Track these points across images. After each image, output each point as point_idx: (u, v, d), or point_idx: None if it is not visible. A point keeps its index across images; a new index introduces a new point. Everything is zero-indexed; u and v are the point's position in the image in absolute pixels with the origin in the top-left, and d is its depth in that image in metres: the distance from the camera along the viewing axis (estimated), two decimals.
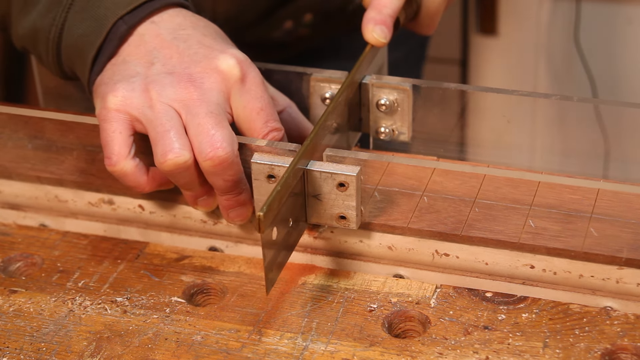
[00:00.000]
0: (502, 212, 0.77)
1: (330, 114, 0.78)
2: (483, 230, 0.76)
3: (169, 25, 0.79)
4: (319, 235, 0.79)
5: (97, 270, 0.80)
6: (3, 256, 0.82)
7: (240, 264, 0.80)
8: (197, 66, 0.76)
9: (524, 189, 0.79)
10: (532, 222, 0.76)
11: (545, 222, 0.76)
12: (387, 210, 0.78)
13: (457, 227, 0.76)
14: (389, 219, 0.77)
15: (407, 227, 0.77)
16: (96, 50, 0.78)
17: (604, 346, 0.70)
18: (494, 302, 0.75)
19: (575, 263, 0.74)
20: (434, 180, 0.81)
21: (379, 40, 0.83)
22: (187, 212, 0.83)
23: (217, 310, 0.75)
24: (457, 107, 0.87)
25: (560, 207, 0.77)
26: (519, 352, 0.70)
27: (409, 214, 0.78)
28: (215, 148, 0.73)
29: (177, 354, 0.71)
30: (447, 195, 0.79)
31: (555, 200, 0.78)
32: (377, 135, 0.86)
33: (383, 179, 0.81)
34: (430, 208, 0.78)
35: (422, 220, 0.77)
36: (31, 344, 0.73)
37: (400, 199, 0.79)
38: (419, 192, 0.80)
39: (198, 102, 0.74)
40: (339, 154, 0.76)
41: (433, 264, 0.78)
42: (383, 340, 0.71)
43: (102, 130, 0.76)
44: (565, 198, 0.78)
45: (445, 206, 0.78)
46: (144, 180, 0.77)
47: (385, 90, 0.84)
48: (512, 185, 0.80)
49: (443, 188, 0.80)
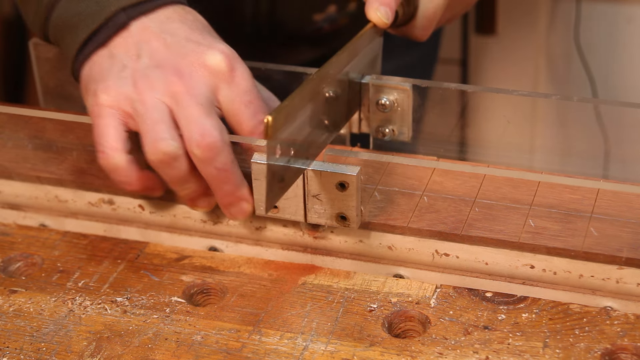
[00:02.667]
0: (502, 212, 0.77)
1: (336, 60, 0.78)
2: (483, 229, 0.76)
3: (156, 18, 0.79)
4: (319, 235, 0.79)
5: (97, 270, 0.80)
6: (3, 256, 0.82)
7: (240, 264, 0.80)
8: (185, 60, 0.76)
9: (524, 188, 0.79)
10: (532, 221, 0.76)
11: (545, 221, 0.76)
12: (387, 210, 0.78)
13: (457, 227, 0.76)
14: (388, 219, 0.77)
15: (407, 226, 0.77)
16: (89, 33, 0.78)
17: (604, 346, 0.70)
18: (494, 302, 0.75)
19: (575, 263, 0.74)
20: (434, 180, 0.81)
21: (382, 20, 0.83)
22: (187, 212, 0.83)
23: (217, 310, 0.75)
24: (457, 107, 0.87)
25: (561, 206, 0.77)
26: (519, 352, 0.70)
27: (409, 213, 0.78)
28: (204, 135, 0.73)
29: (177, 354, 0.71)
30: (447, 195, 0.79)
31: (555, 200, 0.78)
32: (377, 135, 0.86)
33: (383, 178, 0.81)
34: (430, 208, 0.78)
35: (423, 219, 0.77)
36: (31, 344, 0.73)
37: (400, 198, 0.80)
38: (419, 191, 0.80)
39: (187, 95, 0.75)
40: (339, 154, 0.76)
41: (433, 264, 0.78)
42: (383, 340, 0.71)
43: (96, 126, 0.76)
44: (565, 198, 0.78)
45: (445, 206, 0.78)
46: (135, 177, 0.77)
47: (385, 90, 0.84)
48: (512, 185, 0.80)
49: (443, 188, 0.80)
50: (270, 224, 0.81)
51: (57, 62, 0.97)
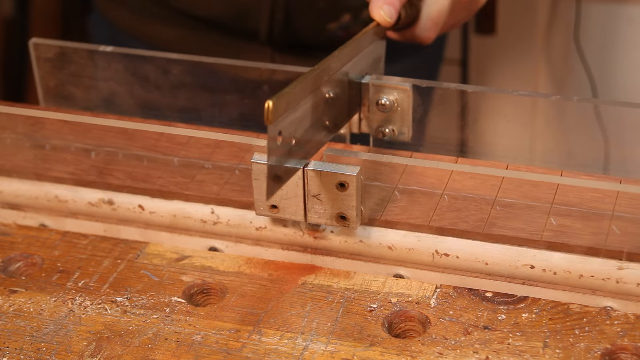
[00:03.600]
0: (523, 211, 0.77)
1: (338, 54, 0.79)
2: (504, 228, 0.76)
3: None
4: (319, 235, 0.79)
5: (97, 270, 0.80)
6: (3, 256, 0.82)
7: (240, 264, 0.80)
8: None
9: (544, 187, 0.79)
10: (554, 219, 0.76)
11: (566, 219, 0.76)
12: (408, 209, 0.78)
13: (479, 226, 0.76)
14: (409, 217, 0.77)
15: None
16: None
17: (604, 346, 0.70)
18: (494, 302, 0.75)
19: (575, 263, 0.74)
20: (453, 178, 0.81)
21: (385, 18, 0.84)
22: (187, 212, 0.83)
23: (217, 310, 0.75)
24: (457, 107, 0.87)
25: (582, 205, 0.77)
26: (519, 352, 0.70)
27: (430, 212, 0.78)
28: None
29: (177, 354, 0.71)
30: (468, 194, 0.79)
31: (576, 199, 0.78)
32: (377, 135, 0.86)
33: (403, 178, 0.81)
34: (451, 207, 0.78)
35: (444, 218, 0.77)
36: (31, 344, 0.73)
37: (420, 197, 0.80)
38: (439, 190, 0.80)
39: None
40: (339, 154, 0.76)
41: (433, 264, 0.78)
42: (383, 340, 0.71)
43: None
44: (586, 196, 0.78)
45: (465, 205, 0.78)
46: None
47: (385, 90, 0.84)
48: (532, 183, 0.80)
49: (463, 187, 0.80)
50: (270, 224, 0.81)
51: (57, 62, 0.97)
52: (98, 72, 0.98)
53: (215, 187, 0.83)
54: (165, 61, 0.96)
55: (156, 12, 1.16)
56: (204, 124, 0.97)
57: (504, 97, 0.84)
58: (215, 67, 0.98)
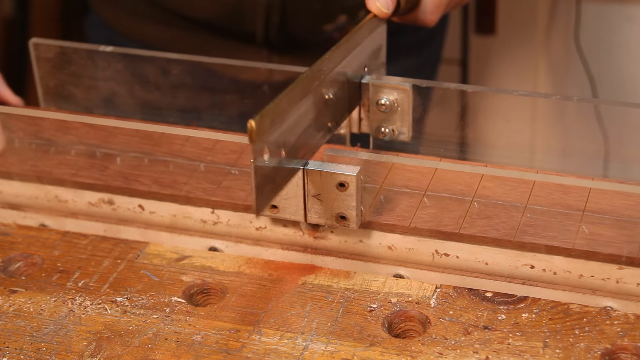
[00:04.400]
0: (554, 218, 0.76)
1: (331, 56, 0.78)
2: (535, 236, 0.75)
3: None
4: (319, 235, 0.79)
5: (97, 270, 0.80)
6: (3, 256, 0.82)
7: (240, 264, 0.80)
8: None
9: (575, 194, 0.78)
10: (586, 227, 0.75)
11: (599, 228, 0.75)
12: (438, 216, 0.77)
13: (510, 233, 0.75)
14: (439, 225, 0.77)
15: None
16: None
17: (604, 346, 0.70)
18: (494, 302, 0.75)
19: (575, 263, 0.74)
20: (483, 185, 0.80)
21: (382, 10, 0.84)
22: (187, 212, 0.83)
23: (217, 310, 0.75)
24: (457, 107, 0.87)
25: (613, 212, 0.76)
26: (519, 352, 0.70)
27: (460, 220, 0.77)
28: None
29: (177, 354, 0.71)
30: (498, 201, 0.79)
31: (607, 206, 0.77)
32: (377, 135, 0.86)
33: (432, 184, 0.81)
34: (481, 214, 0.77)
35: (474, 226, 0.76)
36: (31, 344, 0.73)
37: (450, 204, 0.79)
38: (469, 197, 0.79)
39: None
40: (339, 154, 0.76)
41: (433, 264, 0.78)
42: (383, 340, 0.71)
43: None
44: (617, 203, 0.77)
45: (496, 212, 0.78)
46: None
47: (385, 90, 0.84)
48: (564, 190, 0.79)
49: (493, 194, 0.79)
50: (270, 224, 0.81)
51: (57, 62, 0.97)
52: (98, 72, 0.98)
53: (242, 193, 0.82)
54: (165, 61, 0.96)
55: (152, 14, 1.16)
56: (204, 124, 0.97)
57: (504, 97, 0.84)
58: (215, 67, 0.98)
